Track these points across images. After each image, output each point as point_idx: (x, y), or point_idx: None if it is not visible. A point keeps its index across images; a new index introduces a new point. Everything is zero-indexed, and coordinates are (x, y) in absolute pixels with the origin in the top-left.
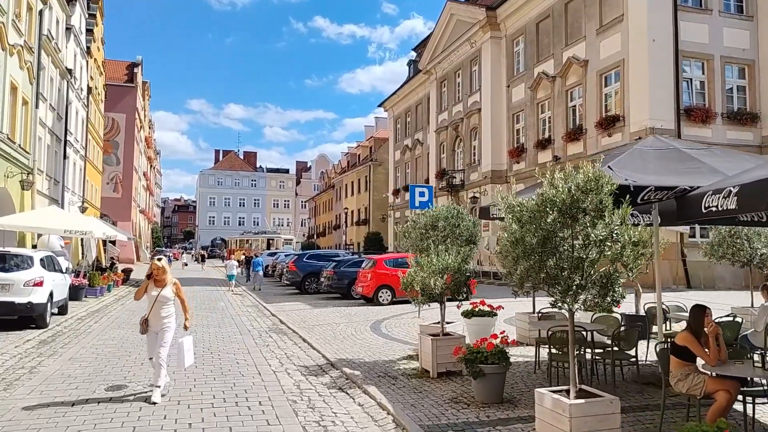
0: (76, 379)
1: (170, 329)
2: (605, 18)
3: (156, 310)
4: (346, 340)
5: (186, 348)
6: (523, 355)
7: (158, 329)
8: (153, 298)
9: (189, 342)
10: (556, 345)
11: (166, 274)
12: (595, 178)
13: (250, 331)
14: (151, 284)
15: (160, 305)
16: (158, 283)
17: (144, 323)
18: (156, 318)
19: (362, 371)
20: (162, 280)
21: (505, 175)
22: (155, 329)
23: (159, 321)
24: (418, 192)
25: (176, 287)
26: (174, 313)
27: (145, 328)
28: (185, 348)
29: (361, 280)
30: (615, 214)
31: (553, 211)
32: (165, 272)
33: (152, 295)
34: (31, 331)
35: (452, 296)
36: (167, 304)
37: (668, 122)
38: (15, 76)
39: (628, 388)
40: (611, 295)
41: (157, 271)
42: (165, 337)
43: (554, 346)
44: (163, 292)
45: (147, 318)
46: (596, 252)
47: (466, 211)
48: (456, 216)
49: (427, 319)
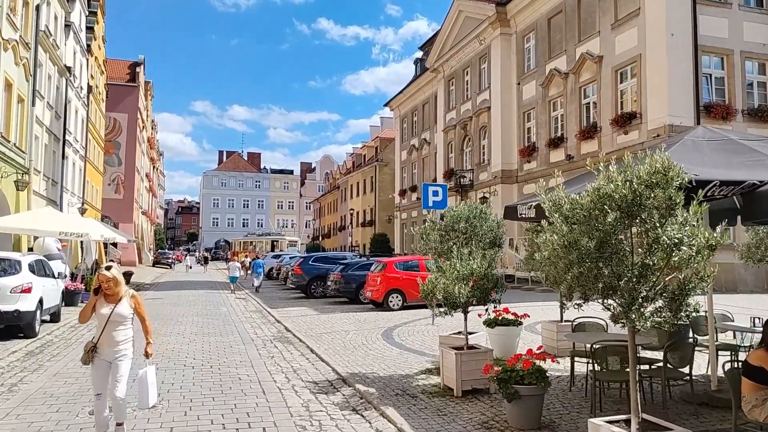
0: (58, 399)
1: (127, 358)
2: (620, 12)
3: (108, 334)
4: (357, 350)
5: (149, 381)
6: (551, 368)
7: (111, 358)
8: (104, 317)
9: (152, 374)
10: (600, 361)
11: (120, 285)
12: (663, 170)
13: (253, 340)
14: (100, 300)
15: (114, 326)
16: (110, 298)
17: (91, 351)
18: (108, 343)
19: (377, 388)
20: (115, 294)
21: (515, 175)
22: (107, 357)
23: (112, 347)
24: (431, 191)
25: (135, 302)
26: (132, 336)
27: (91, 357)
28: (148, 381)
29: (370, 284)
30: (689, 212)
31: (612, 210)
32: (118, 284)
33: (103, 314)
34: (18, 342)
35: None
36: (123, 325)
37: (687, 119)
38: (10, 72)
39: (678, 410)
40: (684, 309)
41: (107, 283)
42: (121, 369)
43: (598, 362)
44: (117, 309)
45: (95, 344)
46: (664, 257)
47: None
48: (479, 216)
49: (442, 327)
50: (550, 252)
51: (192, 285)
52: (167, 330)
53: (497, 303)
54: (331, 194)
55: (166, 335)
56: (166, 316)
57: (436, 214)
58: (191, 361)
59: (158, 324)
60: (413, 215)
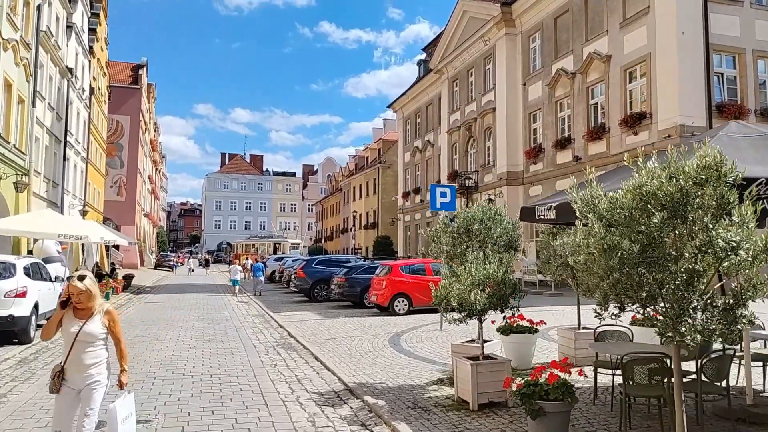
0: (48, 412)
1: (100, 386)
2: (629, 11)
3: (77, 356)
4: (364, 357)
5: (120, 417)
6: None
7: (80, 385)
8: (71, 336)
9: (127, 406)
10: (633, 377)
11: (93, 299)
12: (715, 165)
13: (255, 347)
14: (68, 315)
15: (83, 347)
16: (80, 313)
17: (57, 376)
18: (76, 367)
19: (387, 400)
20: (87, 309)
21: (521, 177)
22: (75, 385)
23: (81, 372)
24: (439, 192)
25: (109, 319)
26: (106, 360)
27: (58, 384)
28: (118, 417)
29: (375, 287)
30: (745, 212)
31: (658, 209)
32: (91, 297)
33: (70, 332)
34: (12, 348)
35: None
36: (94, 345)
37: (699, 119)
38: (9, 73)
39: (714, 427)
40: (741, 322)
41: (78, 296)
42: (92, 400)
43: (629, 377)
44: (87, 326)
45: (63, 367)
46: (713, 262)
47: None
48: (493, 217)
49: (451, 333)
50: (586, 256)
51: (193, 288)
52: (167, 336)
53: (516, 310)
54: (334, 196)
55: (166, 341)
56: (167, 320)
57: (446, 216)
58: (190, 369)
59: (158, 329)
60: (416, 218)
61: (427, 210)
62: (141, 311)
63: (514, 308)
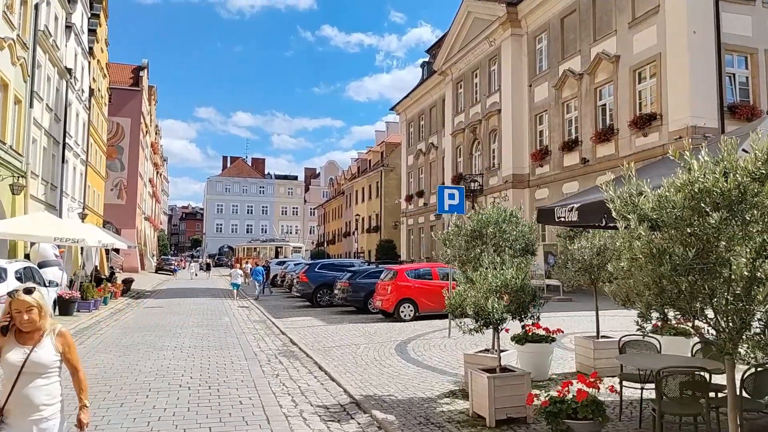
0: None
1: (54, 429)
2: (638, 10)
3: (22, 392)
4: (370, 367)
5: None
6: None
7: (27, 428)
8: (14, 367)
9: None
10: (672, 394)
11: (43, 318)
12: None
13: (256, 355)
14: (9, 341)
15: (30, 380)
16: (25, 337)
17: None
18: (23, 408)
19: (397, 415)
20: (35, 331)
21: (527, 179)
22: (21, 428)
23: (28, 414)
24: (447, 194)
25: (63, 342)
26: (60, 395)
27: None
28: None
29: (380, 292)
30: None
31: (715, 209)
32: (42, 315)
33: (12, 363)
34: None
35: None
36: (46, 378)
37: (711, 120)
38: (6, 72)
39: None
40: None
41: (27, 313)
42: None
43: (664, 393)
44: (36, 354)
45: (3, 408)
46: None
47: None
48: (509, 219)
49: (459, 341)
50: (629, 262)
51: (194, 292)
52: (164, 343)
53: (536, 319)
54: (336, 200)
55: (163, 349)
56: (165, 326)
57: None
58: (188, 380)
59: (155, 336)
60: (420, 221)
61: (431, 213)
62: (139, 317)
63: (533, 317)
